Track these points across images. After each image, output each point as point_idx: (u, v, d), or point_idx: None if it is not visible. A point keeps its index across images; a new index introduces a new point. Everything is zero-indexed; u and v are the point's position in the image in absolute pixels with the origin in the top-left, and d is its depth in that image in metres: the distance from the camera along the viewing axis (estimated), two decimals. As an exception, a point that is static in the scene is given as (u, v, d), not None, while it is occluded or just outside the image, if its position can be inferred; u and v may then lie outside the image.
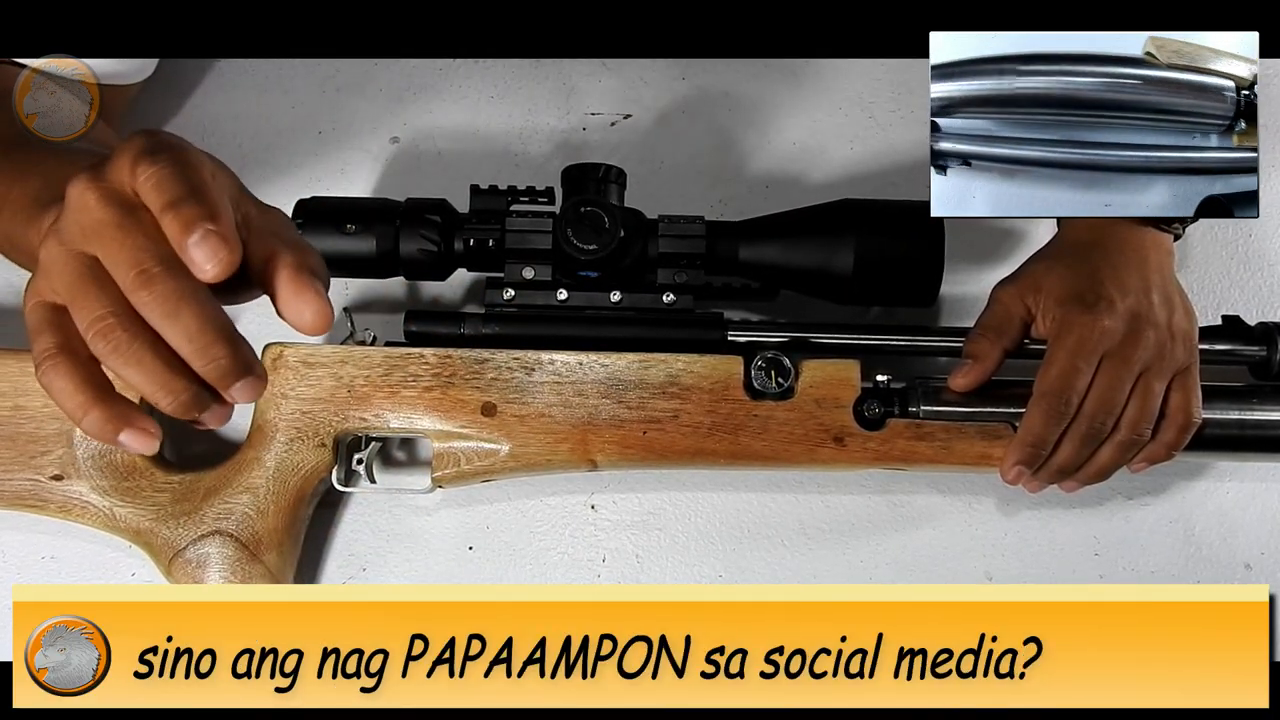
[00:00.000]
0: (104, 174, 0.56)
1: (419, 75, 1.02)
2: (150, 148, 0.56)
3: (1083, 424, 0.79)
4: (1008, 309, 0.84)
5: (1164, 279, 0.83)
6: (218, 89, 1.01)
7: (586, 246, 0.82)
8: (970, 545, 0.92)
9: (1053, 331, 0.81)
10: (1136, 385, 0.79)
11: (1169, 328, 0.80)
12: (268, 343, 0.85)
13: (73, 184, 0.56)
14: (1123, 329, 0.79)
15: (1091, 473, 0.82)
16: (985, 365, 0.83)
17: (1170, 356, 0.80)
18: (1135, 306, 0.80)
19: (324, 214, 0.86)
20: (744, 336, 0.87)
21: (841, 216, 0.85)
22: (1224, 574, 0.92)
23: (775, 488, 0.93)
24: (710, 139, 1.02)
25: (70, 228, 0.56)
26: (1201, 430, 0.82)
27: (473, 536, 0.91)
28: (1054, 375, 0.79)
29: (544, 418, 0.84)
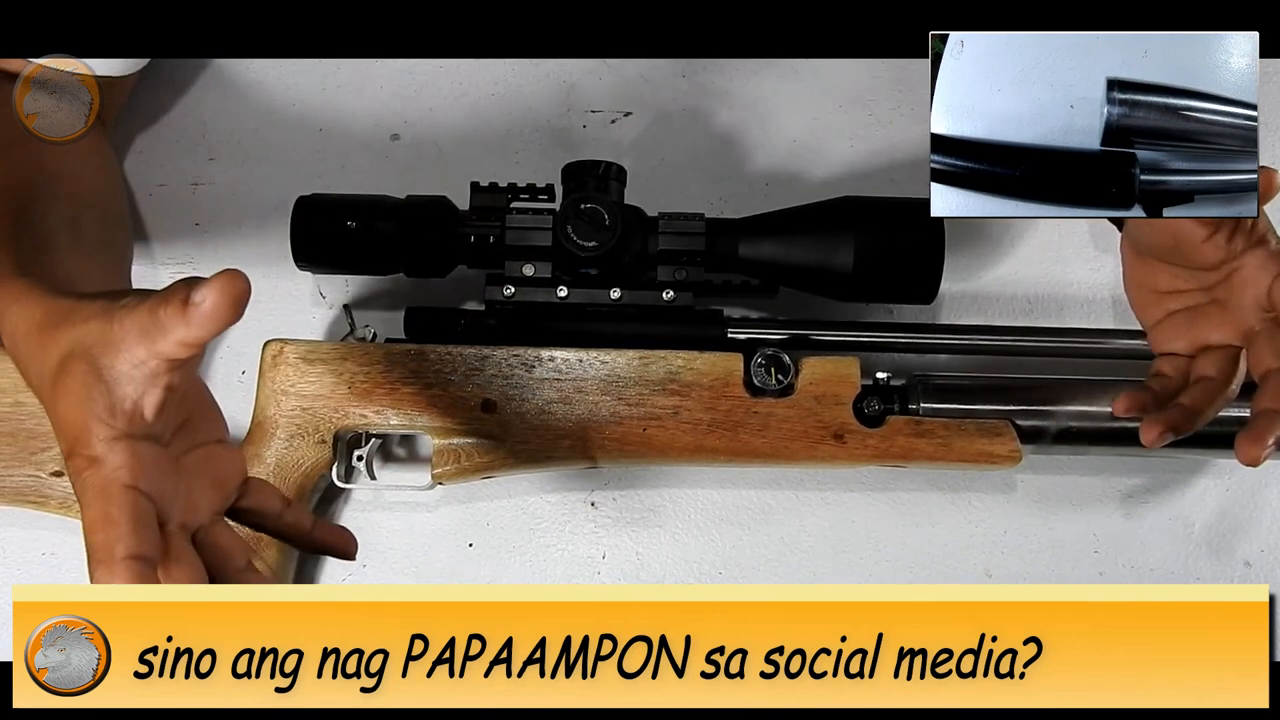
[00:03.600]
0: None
1: (419, 73, 1.02)
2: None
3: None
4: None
5: None
6: (218, 86, 1.01)
7: (586, 244, 0.82)
8: (970, 542, 0.92)
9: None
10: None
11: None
12: (267, 339, 0.85)
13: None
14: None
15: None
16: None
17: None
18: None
19: (324, 211, 0.86)
20: (744, 333, 0.87)
21: (841, 214, 0.85)
22: (1224, 572, 0.93)
23: (775, 485, 0.93)
24: (710, 136, 1.02)
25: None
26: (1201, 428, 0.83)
27: (473, 533, 0.92)
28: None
29: (544, 414, 0.84)
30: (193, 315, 0.55)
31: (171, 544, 0.59)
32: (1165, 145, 0.72)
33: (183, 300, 0.55)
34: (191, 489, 0.62)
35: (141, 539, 0.56)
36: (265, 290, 0.95)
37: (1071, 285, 0.98)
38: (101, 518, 0.56)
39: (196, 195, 0.98)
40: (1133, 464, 0.93)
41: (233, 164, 0.99)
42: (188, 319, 0.55)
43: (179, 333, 0.55)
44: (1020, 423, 0.84)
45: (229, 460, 0.66)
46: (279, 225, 0.85)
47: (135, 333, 0.56)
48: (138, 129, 0.99)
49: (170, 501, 0.59)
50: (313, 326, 0.95)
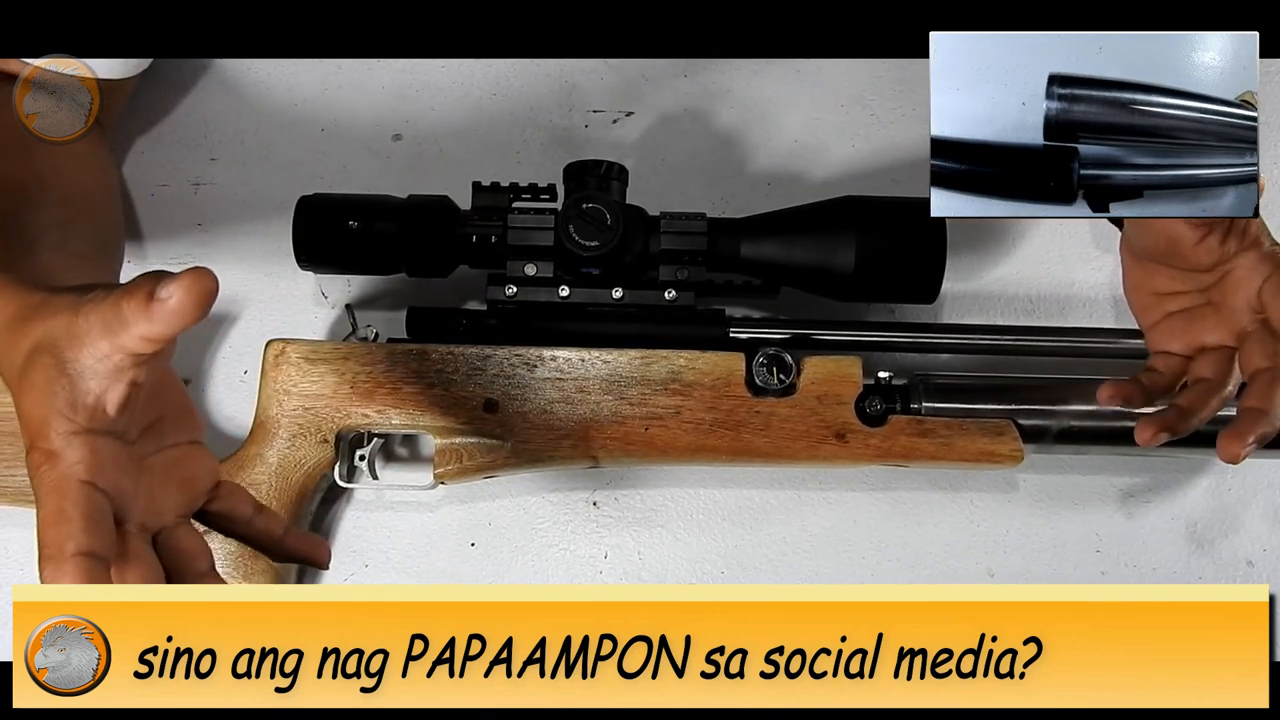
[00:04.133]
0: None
1: (421, 73, 1.02)
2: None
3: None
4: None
5: None
6: (220, 86, 1.01)
7: (588, 243, 0.82)
8: (972, 542, 0.92)
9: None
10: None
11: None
12: (269, 339, 0.85)
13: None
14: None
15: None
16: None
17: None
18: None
19: (326, 211, 0.86)
20: (746, 333, 0.87)
21: (843, 213, 0.85)
22: (1225, 572, 0.92)
23: (777, 484, 0.93)
24: (712, 136, 1.02)
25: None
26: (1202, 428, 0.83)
27: (475, 533, 0.92)
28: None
29: (546, 414, 0.84)
30: (156, 310, 0.54)
31: (128, 543, 0.58)
32: (1113, 140, 0.72)
33: (147, 295, 0.54)
34: (156, 489, 0.61)
35: (94, 536, 0.55)
36: (267, 290, 0.95)
37: (1073, 285, 0.98)
38: (55, 513, 0.55)
39: (198, 196, 0.98)
40: (1135, 464, 0.93)
41: (234, 164, 0.99)
42: (150, 314, 0.54)
43: (141, 327, 0.55)
44: (1022, 422, 0.84)
45: (200, 462, 0.65)
46: (281, 225, 0.85)
47: (99, 326, 0.56)
48: (139, 130, 0.99)
49: (130, 500, 0.58)
50: (315, 326, 0.95)
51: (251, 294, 0.95)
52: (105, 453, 0.57)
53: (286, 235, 0.85)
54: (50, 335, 0.57)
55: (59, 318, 0.57)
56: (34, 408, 0.57)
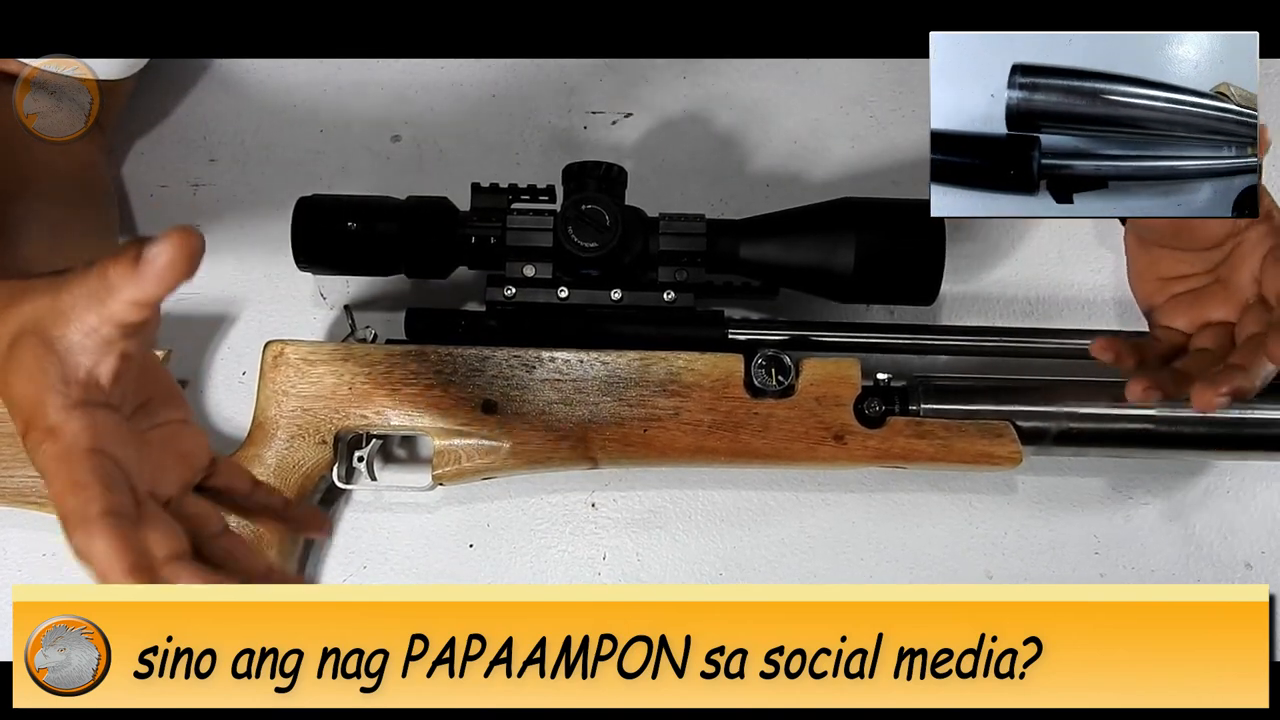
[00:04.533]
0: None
1: (420, 73, 1.02)
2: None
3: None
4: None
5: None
6: (219, 87, 1.01)
7: (587, 244, 0.82)
8: (970, 544, 0.92)
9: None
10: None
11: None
12: (268, 340, 0.85)
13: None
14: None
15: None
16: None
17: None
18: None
19: (325, 212, 0.86)
20: (745, 334, 0.87)
21: (842, 215, 0.85)
22: (1224, 573, 0.92)
23: (775, 486, 0.93)
24: (711, 137, 1.02)
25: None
26: (1202, 429, 0.83)
27: (473, 534, 0.91)
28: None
29: (545, 415, 0.84)
30: (145, 271, 0.53)
31: (144, 508, 0.56)
32: (1077, 130, 0.73)
33: (133, 258, 0.53)
34: (155, 464, 0.61)
35: (115, 494, 0.54)
36: (266, 291, 0.95)
37: (1072, 286, 0.98)
38: (69, 483, 0.54)
39: (197, 197, 0.98)
40: (1134, 465, 0.93)
41: (233, 165, 0.99)
42: (140, 275, 0.53)
43: (129, 291, 0.54)
44: (1021, 424, 0.84)
45: (193, 438, 0.65)
46: (280, 226, 0.85)
47: (84, 298, 0.55)
48: (139, 131, 0.99)
49: (134, 472, 0.57)
50: (313, 327, 0.95)
51: (250, 295, 0.95)
52: (105, 423, 0.56)
53: (285, 236, 0.85)
54: (33, 317, 0.56)
55: (40, 299, 0.57)
56: (26, 389, 0.56)
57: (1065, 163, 0.73)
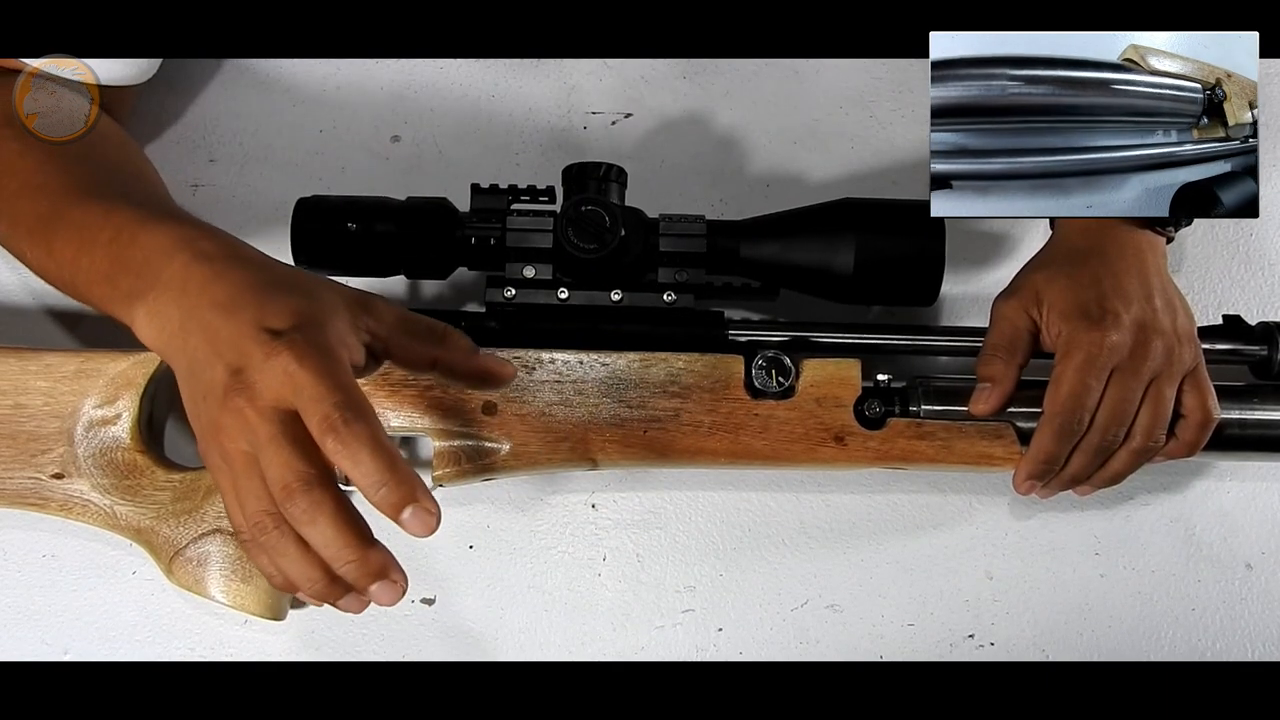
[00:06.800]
0: (253, 386, 0.62)
1: (419, 74, 1.02)
2: (314, 388, 0.62)
3: (1095, 437, 0.79)
4: (1015, 325, 0.82)
5: (1163, 281, 0.82)
6: (219, 87, 1.01)
7: (587, 245, 0.82)
8: (971, 545, 0.92)
9: (1060, 349, 0.80)
10: (1147, 393, 0.79)
11: (1174, 332, 0.79)
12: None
13: (225, 393, 0.62)
14: (1130, 341, 0.78)
15: (1106, 478, 0.82)
16: (1004, 387, 0.82)
17: (1179, 360, 0.79)
18: (1140, 315, 0.79)
19: (324, 212, 0.85)
20: (745, 335, 0.87)
21: (842, 215, 0.85)
22: (1224, 574, 0.92)
23: (775, 487, 0.93)
24: (711, 138, 1.02)
25: (230, 429, 0.62)
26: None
27: (473, 535, 0.91)
28: (1064, 395, 0.78)
29: (545, 416, 0.84)
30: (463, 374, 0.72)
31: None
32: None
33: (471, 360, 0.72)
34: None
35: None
36: (266, 292, 0.95)
37: (1072, 287, 0.98)
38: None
39: (197, 197, 0.98)
40: (1134, 466, 0.93)
41: (233, 166, 0.99)
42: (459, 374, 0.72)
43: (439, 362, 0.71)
44: (1020, 425, 0.84)
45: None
46: (279, 227, 0.85)
47: (416, 341, 0.70)
48: (138, 131, 0.98)
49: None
50: (313, 328, 0.94)
51: (250, 296, 0.95)
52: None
53: (285, 237, 0.85)
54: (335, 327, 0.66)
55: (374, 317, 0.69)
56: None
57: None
